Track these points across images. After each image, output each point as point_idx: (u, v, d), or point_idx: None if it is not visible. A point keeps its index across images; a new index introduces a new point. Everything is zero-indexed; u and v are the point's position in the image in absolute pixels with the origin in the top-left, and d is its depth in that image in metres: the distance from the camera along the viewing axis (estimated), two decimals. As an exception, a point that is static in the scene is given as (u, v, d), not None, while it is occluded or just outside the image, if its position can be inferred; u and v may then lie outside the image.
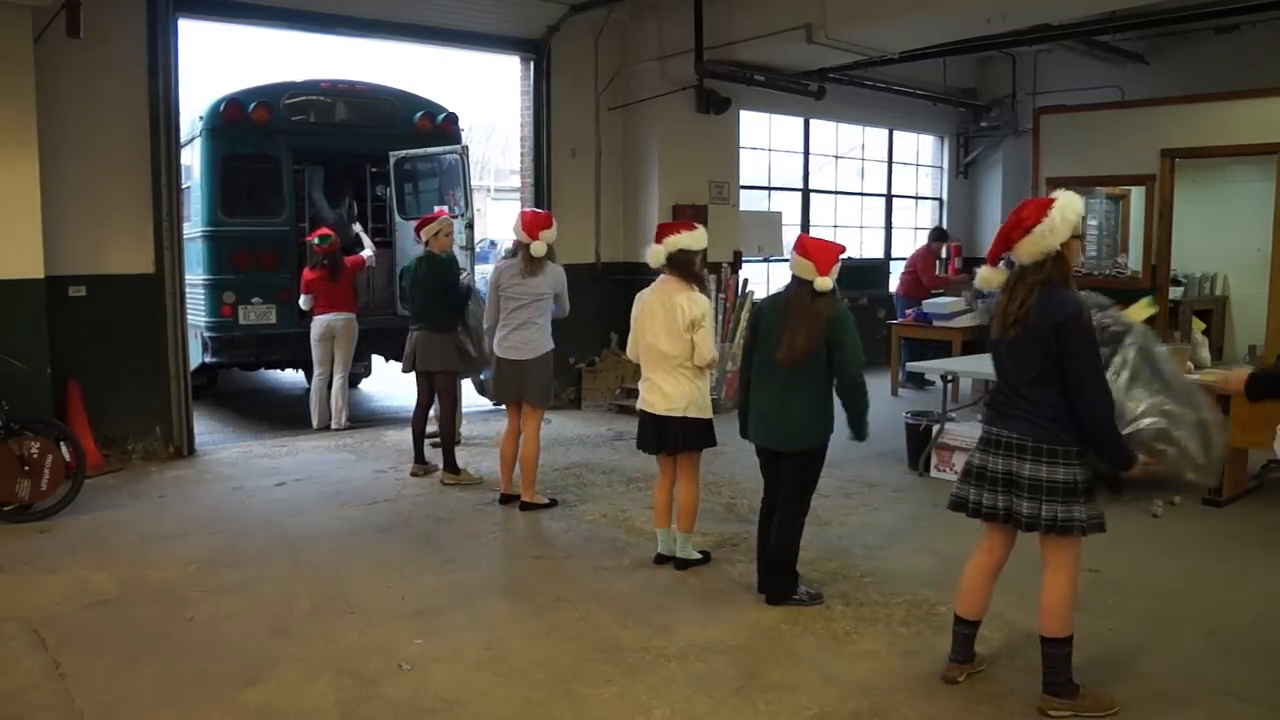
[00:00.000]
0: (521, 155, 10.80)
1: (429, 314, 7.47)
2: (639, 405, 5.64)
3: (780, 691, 4.14)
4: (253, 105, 9.47)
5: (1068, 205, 3.83)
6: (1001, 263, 3.99)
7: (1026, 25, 10.18)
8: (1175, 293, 11.38)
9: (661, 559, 5.70)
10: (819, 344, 4.85)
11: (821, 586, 5.24)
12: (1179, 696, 4.15)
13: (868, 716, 3.93)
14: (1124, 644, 4.64)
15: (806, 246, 4.94)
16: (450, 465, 7.48)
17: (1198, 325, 11.85)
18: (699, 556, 5.69)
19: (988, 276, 3.99)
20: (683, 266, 5.49)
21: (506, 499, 6.88)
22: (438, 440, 7.70)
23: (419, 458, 7.71)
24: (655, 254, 5.51)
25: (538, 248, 6.55)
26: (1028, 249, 3.83)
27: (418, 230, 7.56)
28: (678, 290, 5.46)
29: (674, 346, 5.43)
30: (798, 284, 4.95)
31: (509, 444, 6.87)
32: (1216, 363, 10.74)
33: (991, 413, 4.06)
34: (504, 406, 7.06)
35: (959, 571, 4.24)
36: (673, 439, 5.51)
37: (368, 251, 10.03)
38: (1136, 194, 11.40)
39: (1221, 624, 4.92)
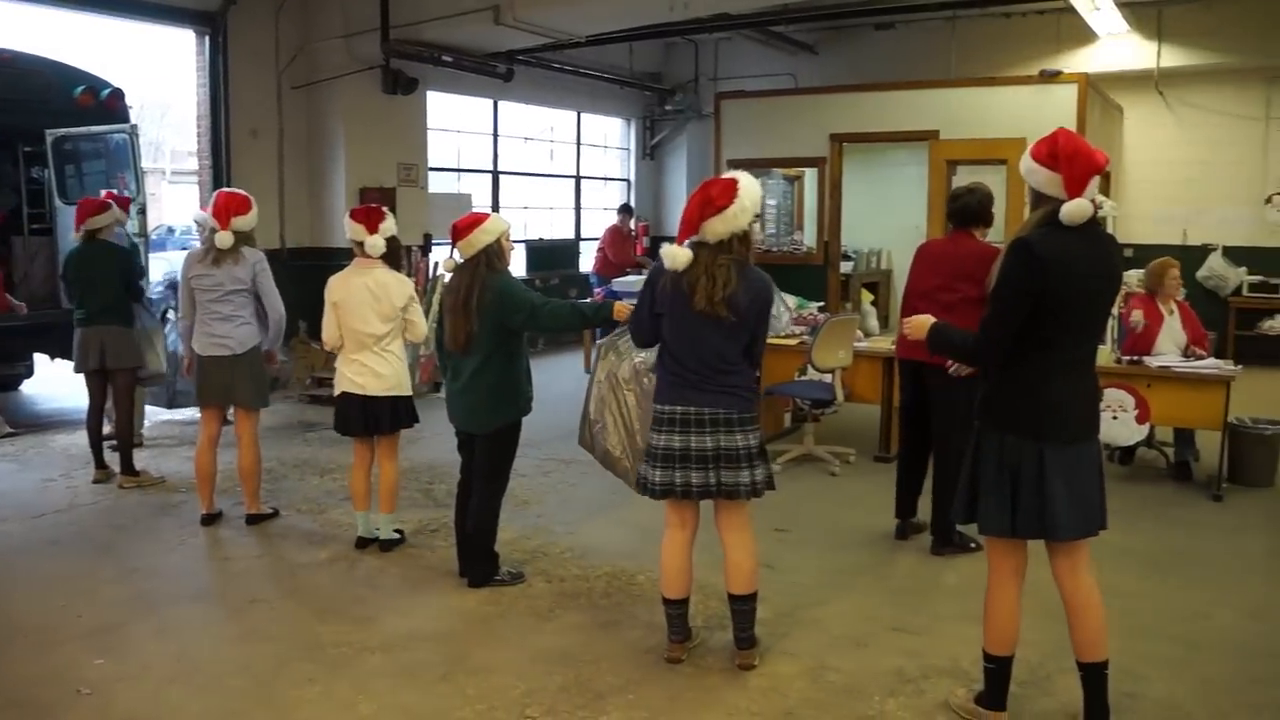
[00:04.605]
0: (198, 136, 10.23)
1: (115, 309, 6.89)
2: (343, 388, 5.50)
3: (487, 673, 4.15)
4: None
5: (750, 191, 3.97)
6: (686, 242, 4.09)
7: (707, 14, 10.69)
8: (846, 267, 12.23)
9: (363, 542, 5.63)
10: (475, 323, 4.79)
11: (523, 565, 5.30)
12: (857, 637, 4.51)
13: (574, 688, 4.02)
14: (808, 595, 4.98)
15: (456, 223, 4.91)
16: (128, 467, 6.98)
17: (866, 296, 12.81)
18: (399, 536, 5.68)
19: (678, 254, 3.96)
20: (395, 254, 5.58)
21: (210, 519, 6.11)
22: (115, 443, 7.15)
23: (99, 463, 7.11)
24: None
25: (223, 239, 5.77)
26: (716, 229, 3.92)
27: (83, 216, 6.85)
28: (384, 273, 5.45)
29: (385, 327, 5.43)
30: (458, 263, 4.93)
31: (206, 456, 6.07)
32: (884, 331, 11.66)
33: (683, 391, 4.03)
34: (199, 412, 6.29)
35: (656, 539, 4.37)
36: (381, 419, 5.49)
37: None
38: (810, 175, 12.23)
39: (891, 569, 5.40)
